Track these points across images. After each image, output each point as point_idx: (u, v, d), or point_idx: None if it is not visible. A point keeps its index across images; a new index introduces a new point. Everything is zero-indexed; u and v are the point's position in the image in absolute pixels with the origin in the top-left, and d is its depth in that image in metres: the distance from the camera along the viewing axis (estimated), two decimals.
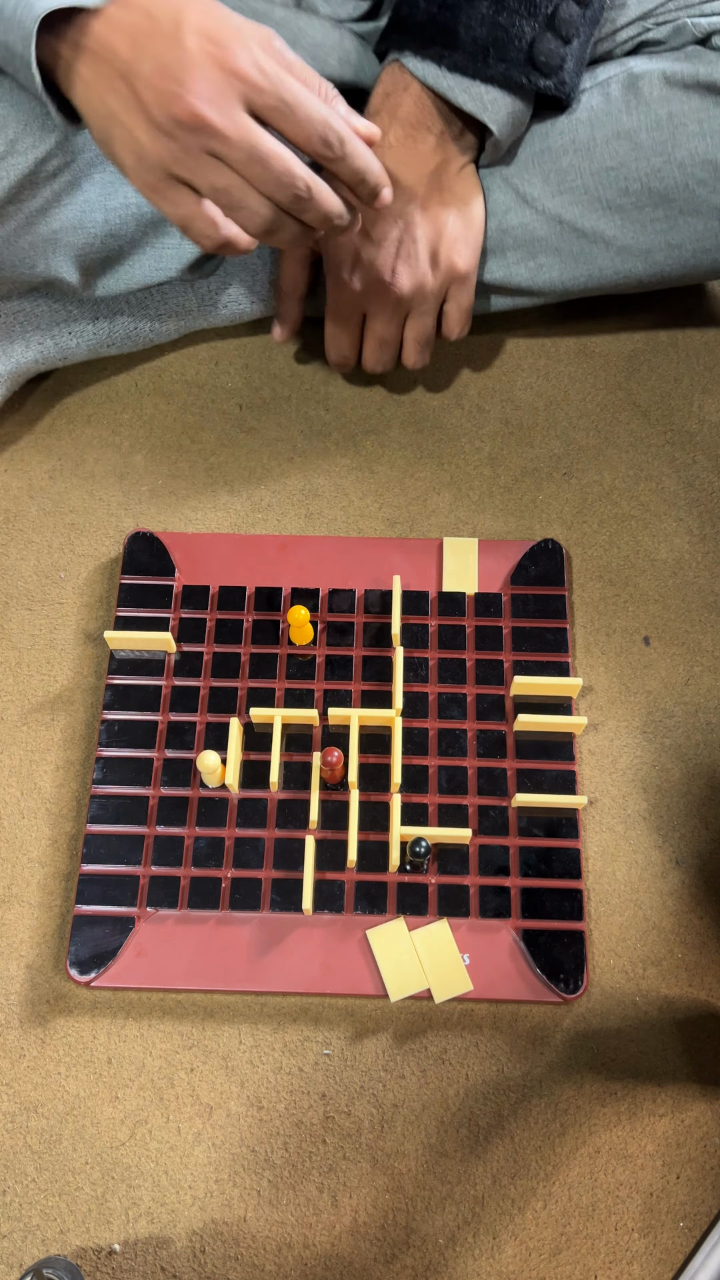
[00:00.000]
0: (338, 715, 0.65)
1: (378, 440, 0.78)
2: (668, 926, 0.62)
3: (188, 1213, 0.56)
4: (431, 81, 0.64)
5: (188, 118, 0.51)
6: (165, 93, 0.51)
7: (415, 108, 0.65)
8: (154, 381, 0.81)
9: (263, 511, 0.75)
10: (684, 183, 0.67)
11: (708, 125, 0.66)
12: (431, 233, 0.68)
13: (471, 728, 0.66)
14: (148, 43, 0.51)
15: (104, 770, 0.64)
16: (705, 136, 0.66)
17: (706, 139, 0.66)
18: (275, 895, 0.61)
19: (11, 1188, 0.56)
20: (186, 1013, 0.60)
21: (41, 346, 0.73)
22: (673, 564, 0.73)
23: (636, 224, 0.70)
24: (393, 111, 0.66)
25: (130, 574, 0.71)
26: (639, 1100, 0.58)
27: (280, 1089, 0.58)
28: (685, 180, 0.67)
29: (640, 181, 0.68)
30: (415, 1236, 0.55)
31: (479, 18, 0.62)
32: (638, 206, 0.69)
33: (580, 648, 0.70)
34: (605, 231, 0.70)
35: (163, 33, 0.51)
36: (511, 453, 0.78)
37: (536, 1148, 0.57)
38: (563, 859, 0.62)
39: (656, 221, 0.69)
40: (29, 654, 0.70)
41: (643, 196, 0.68)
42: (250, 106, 0.52)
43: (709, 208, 0.68)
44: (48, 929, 0.62)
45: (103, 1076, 0.58)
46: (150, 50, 0.51)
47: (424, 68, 0.64)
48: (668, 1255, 0.55)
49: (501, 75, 0.63)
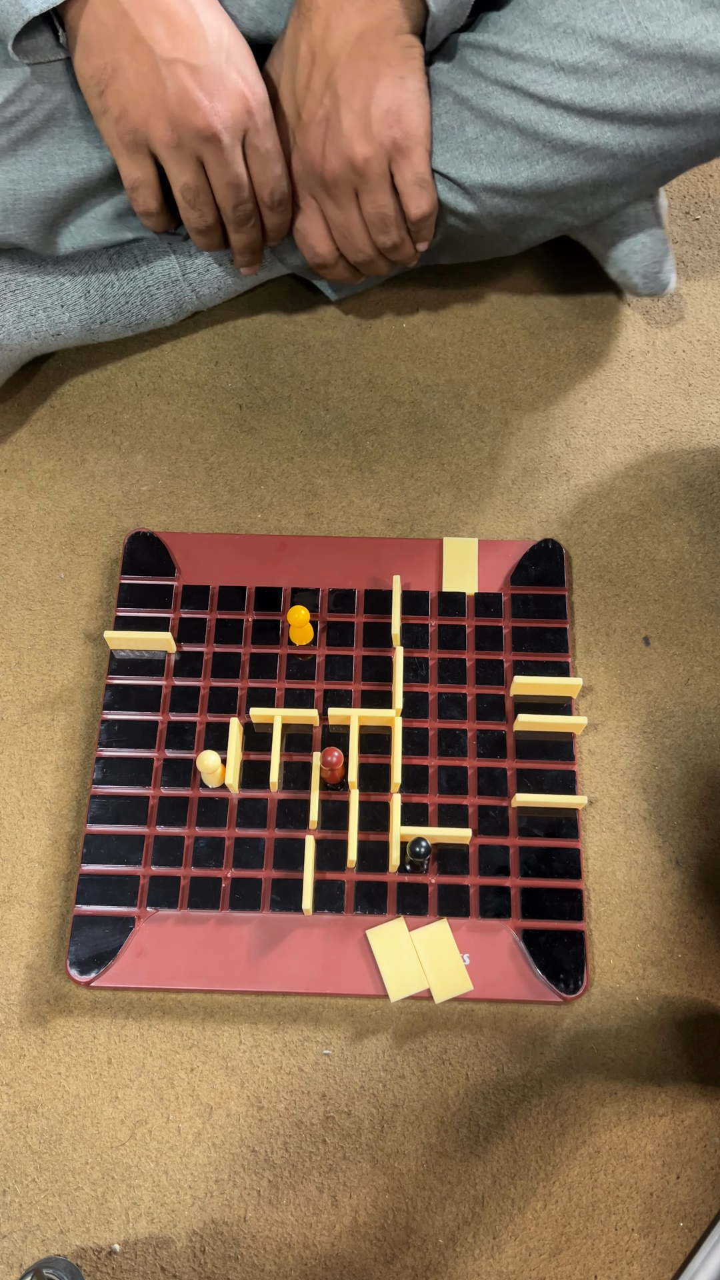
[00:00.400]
0: (338, 715, 0.65)
1: (378, 440, 0.78)
2: (668, 926, 0.62)
3: (188, 1213, 0.56)
4: None
5: (205, 128, 0.60)
6: (190, 100, 0.59)
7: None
8: (154, 381, 0.81)
9: (263, 511, 0.75)
10: (636, 21, 0.61)
11: None
12: (359, 104, 0.63)
13: (471, 728, 0.66)
14: (187, 48, 0.59)
15: (104, 770, 0.65)
16: None
17: None
18: (275, 895, 0.61)
19: (11, 1188, 0.56)
20: (186, 1013, 0.60)
21: (33, 319, 0.73)
22: (673, 564, 0.73)
23: (595, 83, 0.62)
24: None
25: (130, 574, 0.71)
26: (639, 1100, 0.58)
27: (280, 1089, 0.58)
28: (636, 18, 0.61)
29: (589, 31, 0.62)
30: (415, 1236, 0.55)
31: None
32: (592, 65, 0.62)
33: (580, 648, 0.70)
34: (562, 96, 0.63)
35: (206, 46, 0.59)
36: (511, 453, 0.78)
37: (536, 1148, 0.57)
38: (563, 859, 0.62)
39: (615, 76, 0.62)
40: (29, 654, 0.70)
41: (595, 49, 0.62)
42: (244, 140, 0.62)
43: (666, 46, 0.61)
44: (48, 929, 0.62)
45: (103, 1076, 0.58)
46: (188, 54, 0.59)
47: None
48: (668, 1255, 0.55)
49: None
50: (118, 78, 0.60)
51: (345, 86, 0.63)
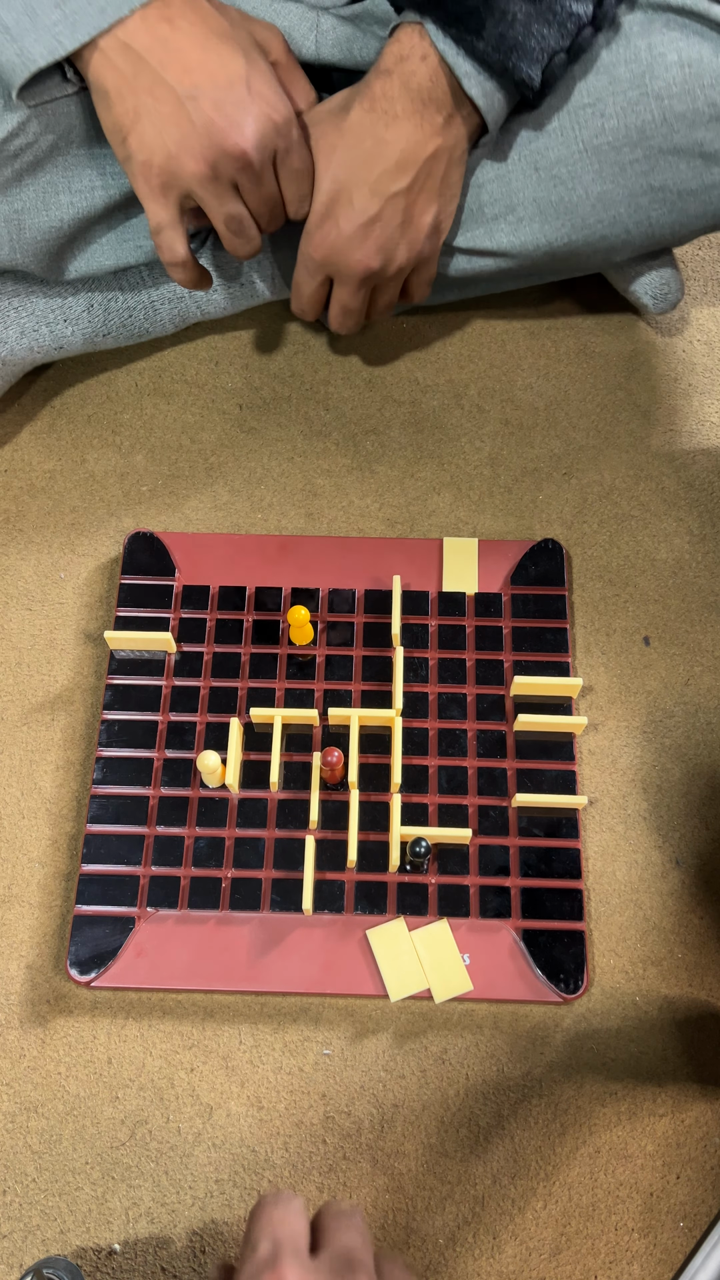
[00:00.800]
0: (338, 715, 0.65)
1: (378, 440, 0.78)
2: (668, 926, 0.62)
3: (188, 1213, 0.56)
4: (451, 59, 0.61)
5: (236, 152, 0.60)
6: (217, 129, 0.59)
7: (429, 81, 0.62)
8: (154, 381, 0.81)
9: (263, 511, 0.75)
10: (661, 116, 0.64)
11: (685, 54, 0.63)
12: (407, 218, 0.66)
13: (471, 728, 0.66)
14: (206, 81, 0.59)
15: (104, 770, 0.65)
16: (683, 66, 0.63)
17: (685, 69, 0.63)
18: (275, 895, 0.61)
19: (12, 1188, 0.56)
20: (186, 1013, 0.60)
21: (36, 334, 0.73)
22: (673, 564, 0.73)
23: (615, 166, 0.66)
24: (406, 79, 0.63)
25: (130, 574, 0.71)
26: (639, 1100, 0.58)
27: (280, 1089, 0.58)
28: (662, 113, 0.64)
29: (617, 118, 0.64)
30: (415, 1236, 0.55)
31: (513, 16, 0.60)
32: (614, 147, 0.65)
33: (580, 648, 0.70)
34: (584, 176, 0.67)
35: (227, 76, 0.59)
36: (511, 453, 0.78)
37: (536, 1148, 0.57)
38: (563, 859, 0.62)
39: (636, 163, 0.66)
40: (29, 654, 0.70)
41: (619, 134, 0.65)
42: (275, 159, 0.62)
43: (688, 143, 0.64)
44: (48, 929, 0.62)
45: (103, 1076, 0.58)
46: (209, 86, 0.59)
47: (447, 44, 0.61)
48: (668, 1255, 0.55)
49: (513, 76, 0.61)
50: (141, 121, 0.60)
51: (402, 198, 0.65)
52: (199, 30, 0.59)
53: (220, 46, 0.60)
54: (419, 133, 0.63)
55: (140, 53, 0.58)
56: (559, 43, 0.60)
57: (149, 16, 0.58)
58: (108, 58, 0.58)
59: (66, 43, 0.58)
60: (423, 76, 0.62)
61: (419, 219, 0.66)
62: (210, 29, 0.60)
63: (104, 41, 0.58)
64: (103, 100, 0.60)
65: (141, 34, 0.58)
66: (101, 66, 0.59)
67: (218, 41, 0.60)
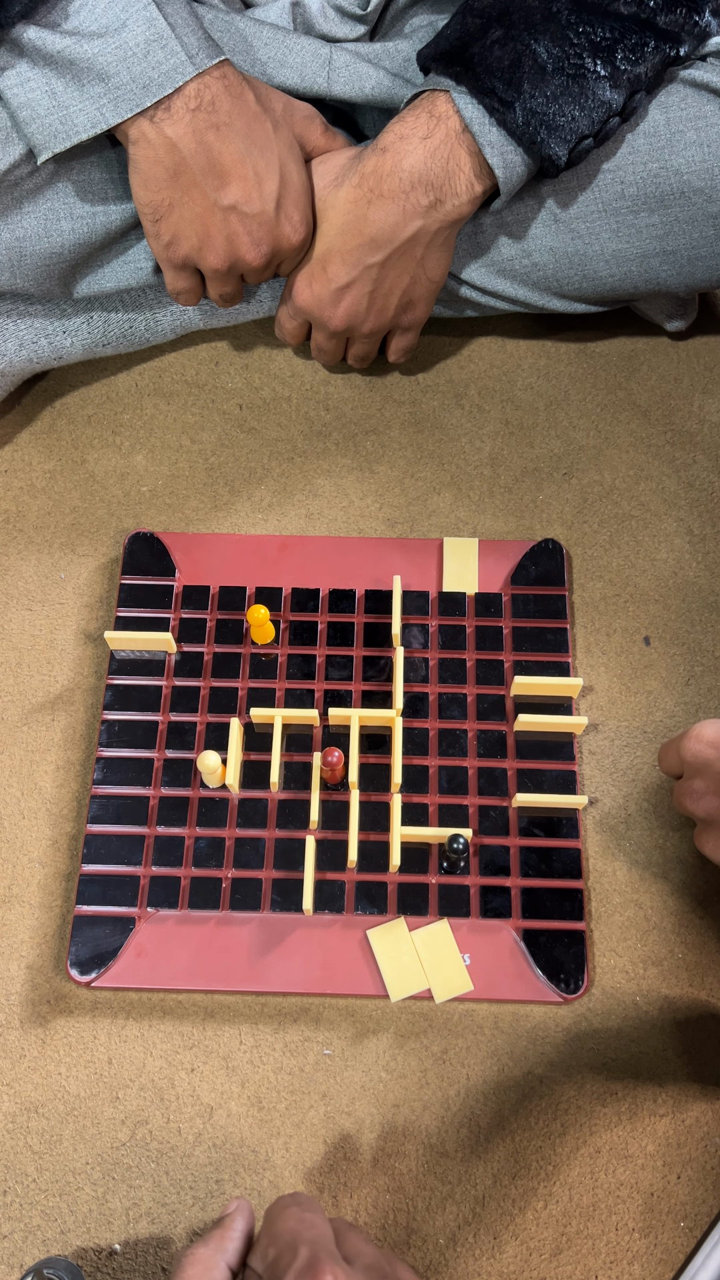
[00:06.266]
0: (338, 715, 0.65)
1: (378, 440, 0.78)
2: (668, 926, 0.62)
3: (188, 1213, 0.56)
4: (477, 127, 0.62)
5: (249, 266, 0.66)
6: (239, 244, 0.64)
7: (423, 164, 0.63)
8: (154, 381, 0.81)
9: (263, 511, 0.75)
10: (680, 190, 0.66)
11: (705, 134, 0.65)
12: (377, 289, 0.68)
13: (472, 728, 0.66)
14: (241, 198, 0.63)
15: (104, 770, 0.65)
16: (703, 145, 0.65)
17: (704, 148, 0.65)
18: (276, 895, 0.61)
19: (12, 1188, 0.56)
20: (187, 1013, 0.60)
21: (35, 346, 0.73)
22: (673, 564, 0.73)
23: (632, 229, 0.69)
24: (399, 159, 0.63)
25: (130, 574, 0.71)
26: (639, 1100, 0.58)
27: (281, 1089, 0.58)
28: (681, 188, 0.66)
29: (637, 185, 0.67)
30: (415, 1236, 0.55)
31: (548, 93, 0.60)
32: (633, 210, 0.68)
33: (580, 648, 0.70)
34: (600, 233, 0.69)
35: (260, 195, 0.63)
36: (511, 453, 0.78)
37: (537, 1148, 0.57)
38: (563, 859, 0.62)
39: (652, 228, 0.68)
40: (29, 654, 0.70)
41: (638, 201, 0.67)
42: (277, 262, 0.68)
43: (705, 217, 0.67)
44: (48, 929, 0.62)
45: (103, 1077, 0.58)
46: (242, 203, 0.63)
47: (477, 111, 0.62)
48: (668, 1255, 0.55)
49: (541, 151, 0.61)
50: (173, 213, 0.63)
51: (393, 268, 0.67)
52: (240, 144, 0.61)
53: (259, 161, 0.62)
54: (399, 214, 0.65)
55: (185, 155, 0.61)
56: (588, 127, 0.62)
57: (197, 123, 0.60)
58: (153, 147, 0.60)
59: (110, 117, 0.59)
60: (417, 158, 0.63)
61: (390, 293, 0.69)
62: (253, 141, 0.62)
63: (150, 131, 0.60)
64: (140, 180, 0.62)
65: (188, 138, 0.60)
66: (144, 151, 0.61)
67: (258, 155, 0.62)
